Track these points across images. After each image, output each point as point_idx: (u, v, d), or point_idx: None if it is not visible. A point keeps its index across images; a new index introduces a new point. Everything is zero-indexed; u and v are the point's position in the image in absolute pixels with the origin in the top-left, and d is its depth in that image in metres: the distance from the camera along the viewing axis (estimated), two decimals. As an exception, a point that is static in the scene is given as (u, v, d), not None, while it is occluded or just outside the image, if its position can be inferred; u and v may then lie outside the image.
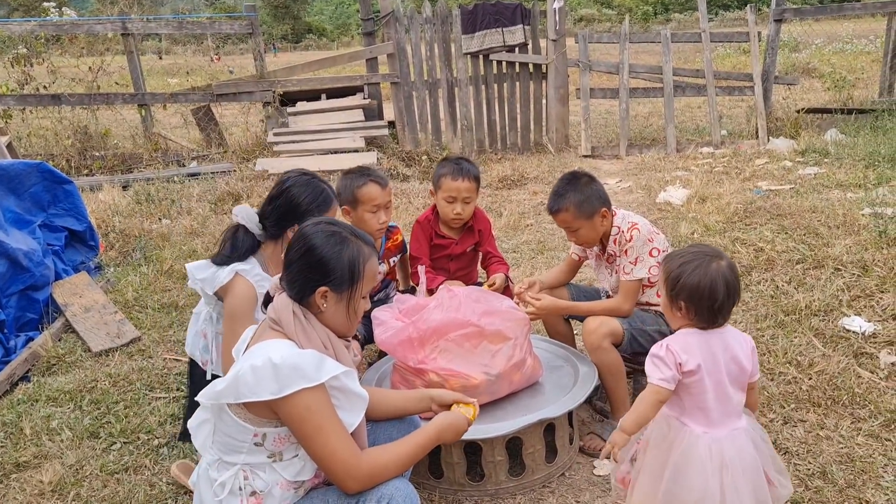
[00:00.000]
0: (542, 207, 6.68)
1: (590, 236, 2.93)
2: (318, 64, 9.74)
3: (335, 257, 1.96)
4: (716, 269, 2.06)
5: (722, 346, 2.08)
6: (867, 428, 2.88)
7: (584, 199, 2.85)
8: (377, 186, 3.16)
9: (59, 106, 8.88)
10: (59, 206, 5.08)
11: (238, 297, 2.51)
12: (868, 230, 4.87)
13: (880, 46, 13.39)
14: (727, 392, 2.06)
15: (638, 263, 2.86)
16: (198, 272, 2.60)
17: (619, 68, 9.31)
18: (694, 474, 2.01)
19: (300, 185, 2.60)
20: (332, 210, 2.66)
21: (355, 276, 1.98)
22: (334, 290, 1.97)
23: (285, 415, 1.85)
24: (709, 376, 2.05)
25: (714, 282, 2.04)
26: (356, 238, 2.02)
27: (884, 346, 3.50)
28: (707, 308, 2.06)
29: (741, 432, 2.07)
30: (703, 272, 2.06)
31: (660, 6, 67.66)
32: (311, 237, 1.99)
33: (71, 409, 3.41)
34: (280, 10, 65.22)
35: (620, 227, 2.93)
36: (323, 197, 2.62)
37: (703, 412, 2.07)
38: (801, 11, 10.46)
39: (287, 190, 2.60)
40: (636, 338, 2.88)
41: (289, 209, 2.57)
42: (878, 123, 8.62)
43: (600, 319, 2.83)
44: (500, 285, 3.27)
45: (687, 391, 2.07)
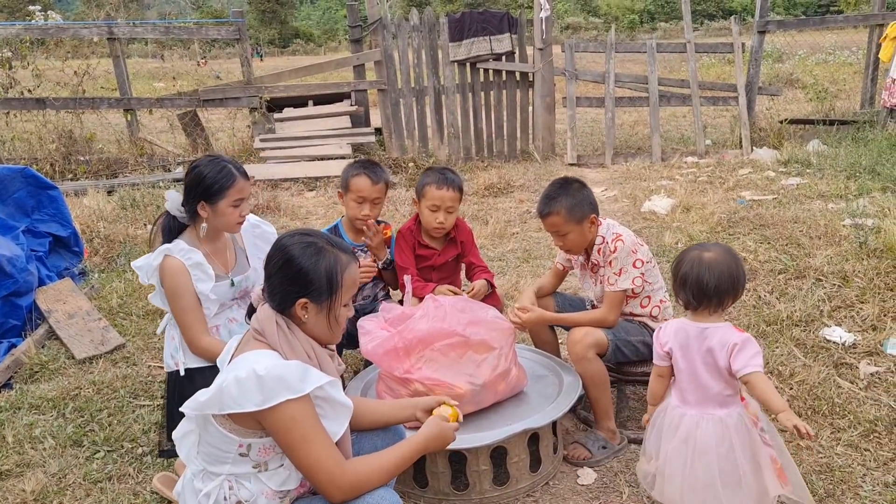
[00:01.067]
0: (528, 216, 6.71)
1: (577, 242, 2.95)
2: (305, 70, 9.74)
3: (312, 268, 1.97)
4: (692, 257, 2.31)
5: (698, 336, 2.28)
6: (846, 438, 2.92)
7: (575, 204, 2.88)
8: (367, 180, 3.25)
9: (43, 110, 8.83)
10: (43, 211, 5.05)
11: (170, 274, 2.66)
12: (849, 241, 4.93)
13: (862, 58, 13.56)
14: (701, 379, 2.27)
15: (622, 274, 2.89)
16: (139, 263, 2.76)
17: (606, 77, 9.38)
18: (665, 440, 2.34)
19: (205, 163, 2.73)
20: (235, 187, 2.71)
21: (334, 286, 1.99)
22: (314, 301, 1.98)
23: (270, 425, 1.86)
24: (682, 359, 2.31)
25: (685, 270, 2.30)
26: (333, 247, 2.02)
27: (863, 357, 3.54)
28: (682, 294, 2.33)
29: (712, 418, 2.25)
30: (685, 261, 2.33)
31: (646, 15, 68.22)
32: (287, 249, 2.00)
33: (54, 417, 3.39)
34: (267, 14, 65.19)
35: (605, 238, 2.96)
36: (224, 172, 2.70)
37: (679, 391, 2.35)
38: (784, 23, 10.59)
39: (194, 169, 2.73)
40: (620, 348, 2.91)
41: (194, 185, 2.70)
42: (860, 135, 8.73)
43: (585, 330, 2.85)
44: (479, 290, 3.29)
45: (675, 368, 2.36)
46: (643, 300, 2.99)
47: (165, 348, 2.87)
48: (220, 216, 2.73)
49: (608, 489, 2.75)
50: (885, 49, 9.15)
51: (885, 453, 2.81)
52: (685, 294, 2.31)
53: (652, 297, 3.00)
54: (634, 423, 3.18)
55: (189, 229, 2.81)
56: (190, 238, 2.78)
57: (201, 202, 2.71)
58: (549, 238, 5.92)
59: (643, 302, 3.00)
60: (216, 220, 2.75)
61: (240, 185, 2.73)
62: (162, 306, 2.81)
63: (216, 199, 2.70)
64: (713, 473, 2.21)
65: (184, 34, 9.60)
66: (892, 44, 8.93)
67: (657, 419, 2.39)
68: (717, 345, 2.24)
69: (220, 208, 2.71)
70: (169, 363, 2.82)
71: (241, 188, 2.73)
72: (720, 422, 2.24)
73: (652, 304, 3.00)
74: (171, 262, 2.66)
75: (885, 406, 3.11)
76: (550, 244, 5.81)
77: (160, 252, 2.69)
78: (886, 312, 3.92)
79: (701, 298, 2.28)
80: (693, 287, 2.27)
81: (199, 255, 2.71)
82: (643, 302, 3.00)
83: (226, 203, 2.71)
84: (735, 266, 2.28)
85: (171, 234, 2.79)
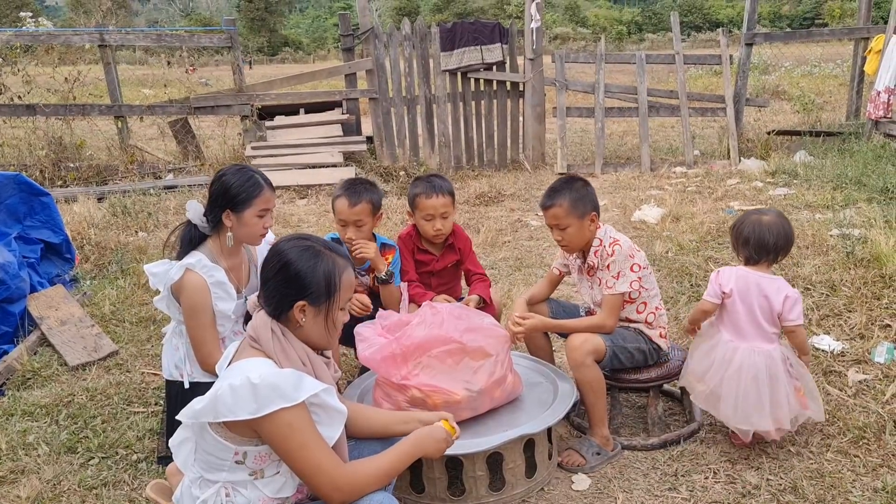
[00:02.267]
0: (519, 225, 6.76)
1: (576, 238, 2.98)
2: (296, 79, 9.77)
3: (311, 271, 2.00)
4: (752, 220, 2.89)
5: (756, 283, 2.85)
6: (836, 444, 2.96)
7: (578, 199, 2.93)
8: (345, 202, 3.23)
9: (33, 116, 8.80)
10: (35, 217, 5.04)
11: (190, 290, 2.64)
12: (836, 251, 5.00)
13: (847, 70, 13.73)
14: (757, 318, 2.84)
15: (620, 278, 2.93)
16: (153, 269, 2.74)
17: (595, 88, 9.46)
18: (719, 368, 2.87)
19: (232, 172, 2.75)
20: (262, 197, 2.73)
21: (332, 289, 2.02)
22: (312, 303, 2.01)
23: (266, 433, 1.87)
24: (741, 302, 2.86)
25: (748, 231, 2.88)
26: (330, 251, 2.05)
27: (852, 365, 3.60)
28: (744, 251, 2.92)
29: (761, 352, 2.82)
30: (746, 224, 2.90)
31: (633, 26, 68.77)
32: (285, 253, 2.03)
33: (47, 424, 3.38)
34: (256, 22, 65.14)
35: (602, 241, 3.00)
36: (252, 182, 2.72)
37: (735, 327, 2.89)
38: (771, 36, 10.73)
39: (220, 177, 2.75)
40: (617, 355, 2.94)
41: (220, 194, 2.71)
42: (845, 146, 8.85)
43: (584, 336, 2.89)
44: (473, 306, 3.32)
45: (725, 308, 2.92)
46: (639, 306, 3.03)
47: (167, 356, 2.87)
48: (244, 226, 2.73)
49: (602, 495, 2.77)
50: (870, 62, 9.29)
51: (874, 459, 2.86)
52: (747, 251, 2.89)
53: (648, 304, 3.04)
54: (627, 430, 3.21)
55: (210, 240, 2.80)
56: (210, 250, 2.77)
57: (227, 211, 2.71)
58: (541, 247, 5.99)
59: (639, 308, 3.03)
60: (240, 231, 2.74)
61: (266, 195, 2.74)
62: (167, 312, 2.82)
63: (242, 208, 2.70)
64: (763, 395, 2.76)
65: (175, 41, 9.59)
66: (876, 57, 9.07)
67: (711, 351, 2.92)
68: (774, 293, 2.81)
69: (245, 218, 2.72)
70: (172, 373, 2.82)
71: (267, 198, 2.75)
72: (769, 355, 2.81)
73: (647, 310, 3.04)
74: (194, 279, 2.64)
75: (874, 413, 3.16)
76: (542, 252, 5.85)
77: (182, 266, 2.66)
78: (873, 321, 3.98)
79: (761, 254, 2.86)
80: (755, 245, 2.85)
81: (222, 274, 2.71)
82: (639, 308, 3.03)
83: (251, 213, 2.72)
84: (789, 228, 2.88)
85: (192, 244, 2.77)
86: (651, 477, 2.86)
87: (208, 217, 2.75)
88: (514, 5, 53.39)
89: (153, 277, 2.74)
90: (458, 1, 63.72)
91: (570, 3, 70.42)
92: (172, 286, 2.69)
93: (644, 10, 77.47)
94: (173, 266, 2.70)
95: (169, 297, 2.74)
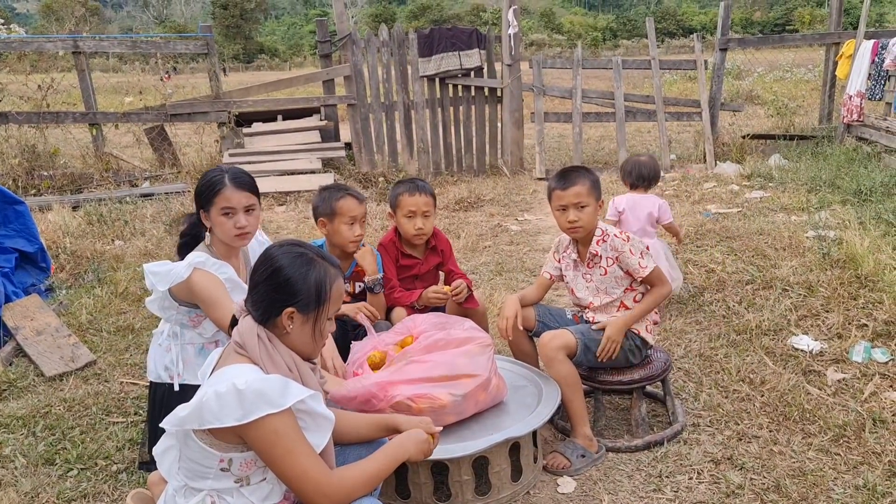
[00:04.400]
0: (499, 229, 6.77)
1: (589, 221, 3.02)
2: (273, 85, 9.73)
3: (302, 278, 1.98)
4: (633, 160, 4.51)
5: (639, 201, 4.40)
6: (817, 443, 2.99)
7: (597, 182, 3.04)
8: (354, 200, 3.28)
9: (5, 124, 8.68)
10: (9, 226, 4.96)
11: (204, 284, 2.58)
12: (812, 252, 5.07)
13: (819, 75, 13.94)
14: (643, 223, 4.35)
15: (644, 257, 3.03)
16: (155, 268, 2.70)
17: (573, 93, 9.52)
18: None
19: (206, 171, 2.78)
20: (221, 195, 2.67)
21: (322, 298, 2.00)
22: (301, 311, 1.99)
23: (252, 440, 1.85)
24: (630, 214, 4.37)
25: (630, 167, 4.47)
26: (322, 259, 2.03)
27: (830, 364, 3.64)
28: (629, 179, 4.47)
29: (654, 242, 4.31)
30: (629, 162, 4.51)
31: (608, 32, 69.36)
32: (277, 258, 2.00)
33: (24, 436, 3.32)
34: (231, 29, 64.79)
35: (606, 231, 3.06)
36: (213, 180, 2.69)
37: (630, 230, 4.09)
38: (745, 41, 10.87)
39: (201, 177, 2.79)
40: (589, 347, 2.97)
41: (195, 195, 2.76)
42: (819, 149, 8.99)
43: (553, 333, 2.97)
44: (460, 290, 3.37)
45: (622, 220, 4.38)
46: (637, 295, 3.08)
47: (155, 358, 2.82)
48: (217, 226, 2.70)
49: (588, 497, 2.78)
50: (841, 66, 9.45)
51: (855, 457, 2.89)
52: (630, 179, 4.45)
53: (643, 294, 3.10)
54: (611, 432, 3.22)
55: (208, 239, 2.82)
56: (206, 247, 2.78)
57: (201, 210, 2.72)
58: (521, 251, 6.00)
59: (636, 297, 3.08)
60: (216, 231, 2.72)
61: (226, 193, 2.66)
62: (158, 313, 2.79)
63: (209, 207, 2.68)
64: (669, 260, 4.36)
65: (151, 48, 9.51)
66: (848, 62, 9.22)
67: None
68: (651, 206, 4.38)
69: (212, 217, 2.69)
70: (160, 374, 2.78)
71: (227, 197, 2.66)
72: (653, 245, 4.20)
73: None
74: (204, 275, 2.61)
75: (853, 411, 3.20)
76: (522, 257, 5.87)
77: (190, 265, 2.61)
78: (850, 321, 4.03)
79: (640, 181, 4.43)
80: (636, 176, 4.43)
81: (230, 270, 2.69)
82: (636, 297, 3.08)
83: (215, 212, 2.68)
84: (657, 165, 4.50)
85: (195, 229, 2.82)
86: (636, 478, 2.87)
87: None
88: (490, 13, 53.60)
89: (154, 277, 2.68)
90: (433, 8, 63.87)
91: (546, 9, 70.94)
92: (178, 285, 2.63)
93: (618, 16, 78.17)
94: (176, 266, 2.66)
95: (164, 297, 2.70)
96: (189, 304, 2.72)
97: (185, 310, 2.75)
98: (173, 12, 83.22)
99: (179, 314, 2.77)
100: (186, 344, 2.82)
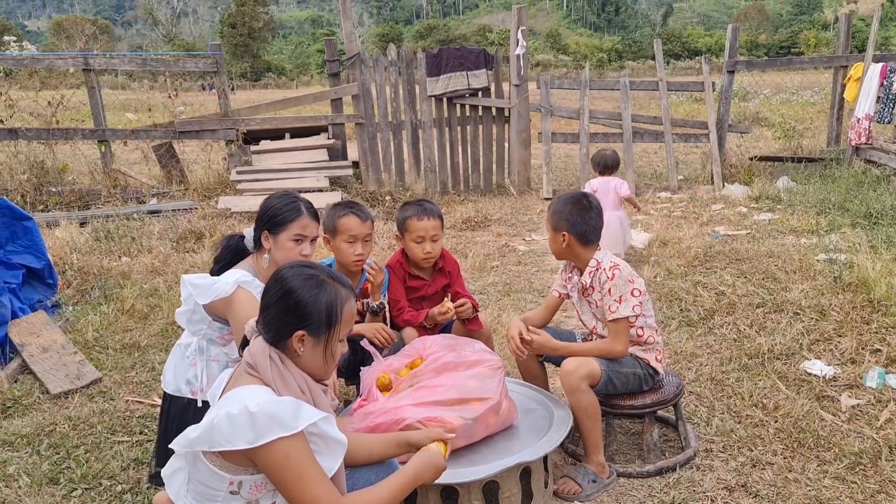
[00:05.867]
0: (507, 249, 6.74)
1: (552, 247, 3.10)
2: (282, 103, 9.76)
3: (312, 301, 1.95)
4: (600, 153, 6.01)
5: (605, 182, 5.77)
6: (833, 471, 2.94)
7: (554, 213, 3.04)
8: (356, 218, 3.24)
9: (15, 140, 8.72)
10: (17, 242, 4.95)
11: (244, 304, 2.58)
12: (823, 275, 5.03)
13: (825, 97, 13.97)
14: (610, 198, 5.65)
15: (622, 302, 2.91)
16: (195, 280, 2.68)
17: (580, 114, 9.54)
18: None
19: (278, 196, 2.82)
20: (298, 222, 2.72)
21: (332, 320, 1.97)
22: (311, 333, 1.96)
23: (263, 463, 1.82)
24: (601, 192, 5.59)
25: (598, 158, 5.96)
26: (333, 281, 2.01)
27: (844, 390, 3.59)
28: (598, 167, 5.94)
29: (614, 214, 5.60)
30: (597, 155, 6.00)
31: (613, 54, 69.78)
32: (288, 280, 1.98)
33: (28, 454, 3.29)
34: (240, 48, 65.43)
35: (600, 263, 2.98)
36: (291, 206, 2.74)
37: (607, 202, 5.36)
38: (752, 63, 10.88)
39: (266, 199, 2.82)
40: (612, 380, 2.91)
41: (261, 214, 2.77)
42: (827, 172, 8.97)
43: (578, 361, 2.86)
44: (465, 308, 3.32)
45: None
46: (638, 330, 3.01)
47: (177, 370, 2.77)
48: (280, 249, 2.72)
49: (600, 524, 2.73)
50: (849, 89, 9.45)
51: (872, 486, 2.84)
52: (599, 168, 5.88)
53: (645, 329, 3.02)
54: (623, 457, 3.17)
55: (250, 258, 2.83)
56: (252, 267, 2.78)
57: (265, 232, 2.73)
58: (530, 272, 5.99)
59: (638, 332, 3.02)
60: (276, 254, 2.73)
61: (304, 221, 2.74)
62: (185, 326, 2.78)
63: (278, 230, 2.71)
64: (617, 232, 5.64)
65: (160, 66, 9.57)
66: (856, 84, 9.23)
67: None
68: (615, 185, 5.76)
69: (280, 241, 2.71)
70: (180, 388, 2.73)
71: (304, 224, 2.74)
72: (619, 216, 5.70)
73: (646, 334, 3.02)
74: (247, 295, 2.60)
75: (869, 438, 3.15)
76: (531, 277, 5.84)
77: (235, 282, 2.61)
78: (864, 346, 3.99)
79: (605, 168, 5.85)
80: (602, 165, 5.86)
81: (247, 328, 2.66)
82: (638, 332, 3.02)
83: (286, 236, 2.71)
84: (618, 157, 5.96)
85: (234, 253, 2.86)
86: (648, 505, 2.82)
87: (254, 236, 2.80)
88: (497, 33, 53.91)
89: (195, 289, 2.66)
90: (440, 28, 64.29)
91: (552, 30, 71.33)
92: (218, 301, 2.62)
93: (624, 38, 78.57)
94: (219, 280, 2.64)
95: (196, 310, 2.68)
96: (223, 320, 2.70)
97: (217, 325, 2.73)
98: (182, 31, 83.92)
99: (210, 329, 2.75)
100: (211, 360, 2.78)
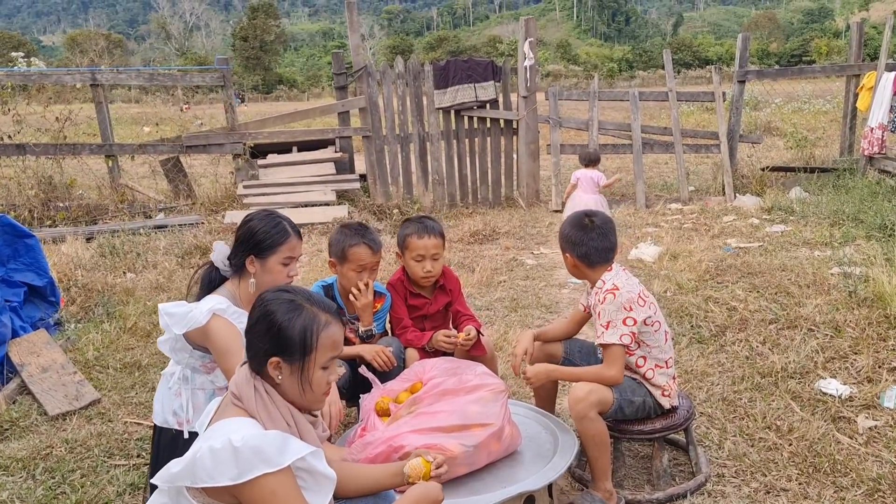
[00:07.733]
0: (514, 263, 6.65)
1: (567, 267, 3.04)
2: (289, 117, 9.74)
3: (287, 325, 1.86)
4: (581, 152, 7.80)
5: (586, 172, 7.17)
6: (851, 497, 2.82)
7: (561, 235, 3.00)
8: (368, 249, 3.18)
9: (23, 156, 8.73)
10: (19, 260, 4.91)
11: (222, 333, 2.50)
12: (838, 290, 4.91)
13: (837, 106, 13.81)
14: (590, 184, 7.10)
15: (609, 328, 2.80)
16: (171, 309, 2.59)
17: (589, 125, 9.46)
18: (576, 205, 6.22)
19: (259, 217, 2.69)
20: (287, 244, 2.64)
21: (307, 346, 1.87)
22: (286, 360, 1.87)
23: (248, 500, 1.74)
24: (583, 180, 7.15)
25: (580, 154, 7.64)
26: (312, 305, 1.91)
27: (861, 410, 3.47)
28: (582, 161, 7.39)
29: (593, 198, 6.98)
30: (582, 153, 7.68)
31: (624, 63, 69.73)
32: (266, 304, 1.90)
33: (23, 479, 3.22)
34: (251, 61, 65.91)
35: (604, 283, 2.88)
36: (278, 228, 2.64)
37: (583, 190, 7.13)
38: (763, 73, 10.77)
39: (247, 222, 2.69)
40: (623, 408, 2.82)
41: (245, 239, 2.64)
42: (840, 182, 8.82)
43: (589, 387, 2.76)
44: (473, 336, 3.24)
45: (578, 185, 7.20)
46: (638, 360, 2.90)
47: (163, 401, 2.70)
48: (268, 273, 2.63)
49: (607, 554, 2.63)
50: (862, 98, 9.33)
51: (891, 513, 2.72)
52: (584, 161, 7.33)
53: (647, 359, 2.89)
54: (631, 483, 3.07)
55: (229, 283, 2.72)
56: (231, 294, 2.68)
57: (251, 256, 2.63)
58: (537, 287, 5.90)
59: (638, 361, 2.90)
60: (263, 277, 2.64)
61: (292, 242, 2.66)
62: (169, 354, 2.68)
63: (267, 254, 2.62)
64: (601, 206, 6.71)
65: (168, 81, 9.58)
66: (868, 93, 9.10)
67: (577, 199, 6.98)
68: (593, 175, 7.14)
69: (269, 265, 2.63)
70: (167, 419, 2.66)
71: (293, 246, 2.66)
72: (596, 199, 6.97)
73: (647, 366, 2.90)
74: (223, 323, 2.53)
75: (888, 463, 3.03)
76: (538, 293, 5.75)
77: (209, 310, 2.52)
78: (881, 364, 3.87)
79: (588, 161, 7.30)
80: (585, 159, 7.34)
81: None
82: (638, 361, 2.90)
83: (276, 260, 2.63)
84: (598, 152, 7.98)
85: (212, 285, 2.72)
86: (657, 534, 2.72)
87: (232, 261, 2.68)
88: (507, 44, 54.01)
89: (169, 318, 2.58)
90: (450, 39, 64.51)
91: (562, 41, 71.45)
92: (195, 330, 2.54)
93: (634, 47, 78.60)
94: (194, 308, 2.55)
95: (177, 339, 2.59)
96: (203, 348, 2.62)
97: (198, 354, 2.65)
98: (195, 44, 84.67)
99: (192, 358, 2.67)
100: (197, 389, 2.71)
